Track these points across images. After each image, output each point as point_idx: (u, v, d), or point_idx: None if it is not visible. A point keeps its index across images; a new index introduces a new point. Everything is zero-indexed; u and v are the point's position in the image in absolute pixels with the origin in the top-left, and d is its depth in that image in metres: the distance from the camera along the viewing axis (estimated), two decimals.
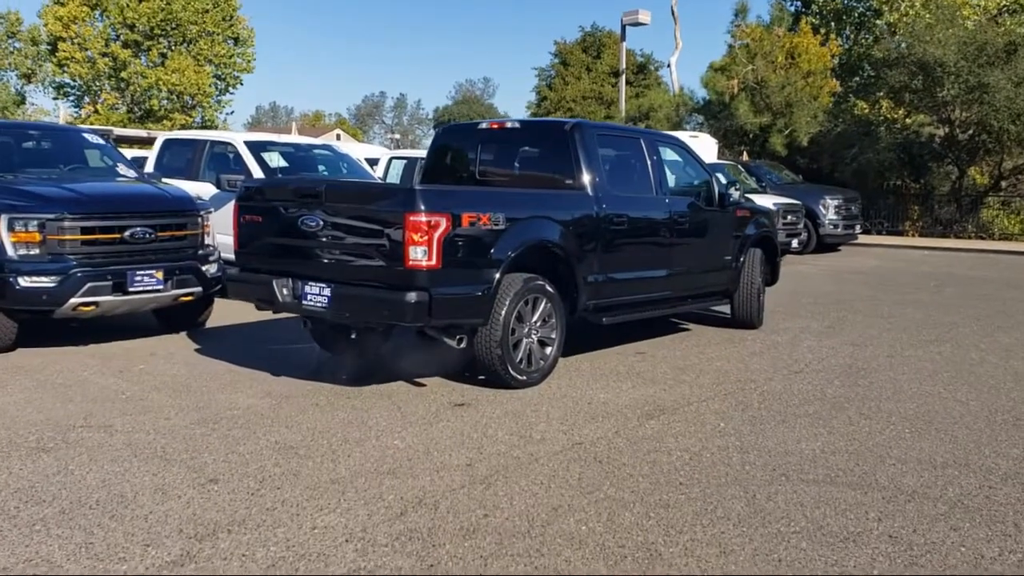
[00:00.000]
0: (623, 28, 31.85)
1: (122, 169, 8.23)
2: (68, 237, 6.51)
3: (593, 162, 6.59)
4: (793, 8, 29.33)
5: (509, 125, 7.42)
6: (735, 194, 7.90)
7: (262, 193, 6.30)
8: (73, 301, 6.49)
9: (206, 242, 7.36)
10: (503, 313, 5.61)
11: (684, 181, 8.06)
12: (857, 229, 18.76)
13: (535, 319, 5.94)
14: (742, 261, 8.04)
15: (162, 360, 6.56)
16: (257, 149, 10.14)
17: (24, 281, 6.35)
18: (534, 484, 4.02)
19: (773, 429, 5.00)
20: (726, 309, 8.43)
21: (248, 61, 38.87)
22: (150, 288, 6.84)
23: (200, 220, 7.33)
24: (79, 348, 6.88)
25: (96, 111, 35.33)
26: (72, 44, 34.91)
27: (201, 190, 9.10)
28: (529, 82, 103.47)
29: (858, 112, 25.11)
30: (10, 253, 6.38)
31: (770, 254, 8.58)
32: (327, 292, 5.52)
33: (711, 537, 3.47)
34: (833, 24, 28.02)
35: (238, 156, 9.99)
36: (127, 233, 6.77)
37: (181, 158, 10.64)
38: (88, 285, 6.51)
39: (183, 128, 32.77)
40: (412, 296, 5.16)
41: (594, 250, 6.42)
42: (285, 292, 5.78)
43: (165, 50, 36.15)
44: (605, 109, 42.88)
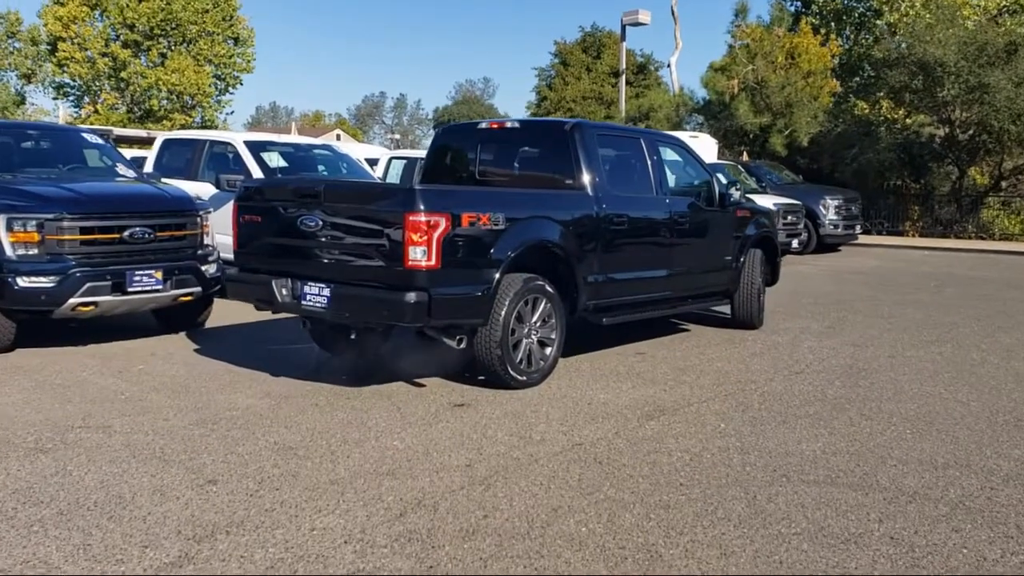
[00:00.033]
0: (623, 28, 31.84)
1: (121, 169, 8.23)
2: (67, 237, 6.50)
3: (593, 162, 6.58)
4: (793, 8, 29.34)
5: (509, 125, 7.41)
6: (735, 194, 7.89)
7: (261, 193, 6.29)
8: (72, 301, 6.49)
9: (205, 242, 7.36)
10: (503, 313, 5.60)
11: (684, 181, 8.05)
12: (857, 229, 18.76)
13: (535, 319, 5.93)
14: (742, 261, 8.03)
15: (161, 360, 6.55)
16: (257, 149, 10.12)
17: (23, 281, 6.34)
18: (534, 485, 4.01)
19: (774, 430, 4.98)
20: (726, 309, 8.42)
21: (248, 61, 38.91)
22: (149, 288, 6.83)
23: (199, 220, 7.32)
24: (78, 348, 6.87)
25: (96, 111, 35.35)
26: (72, 44, 34.93)
27: (200, 190, 9.09)
28: (529, 82, 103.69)
29: (858, 112, 25.12)
30: (9, 253, 6.37)
31: (770, 254, 8.57)
32: (326, 292, 5.51)
33: (712, 538, 3.46)
34: (833, 24, 28.02)
35: (237, 156, 9.98)
36: (126, 233, 6.76)
37: (180, 158, 10.63)
38: (87, 285, 6.50)
39: (183, 128, 32.76)
40: (412, 296, 5.16)
41: (594, 250, 6.41)
42: (284, 292, 5.77)
43: (165, 50, 36.16)
44: (605, 109, 42.87)
